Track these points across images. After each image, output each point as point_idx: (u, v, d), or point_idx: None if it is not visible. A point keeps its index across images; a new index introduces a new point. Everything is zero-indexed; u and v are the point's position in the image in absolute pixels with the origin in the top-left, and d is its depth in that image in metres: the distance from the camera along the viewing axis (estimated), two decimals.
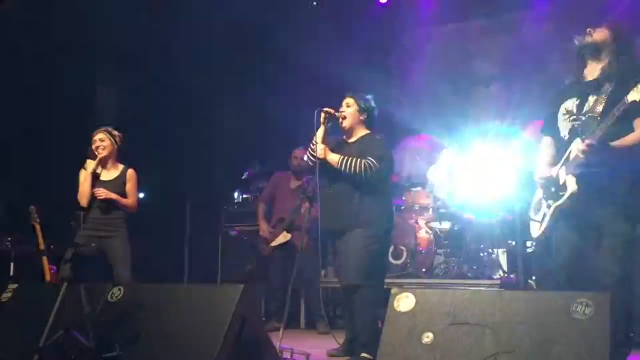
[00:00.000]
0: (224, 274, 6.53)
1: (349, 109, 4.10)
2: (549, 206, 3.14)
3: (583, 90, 3.14)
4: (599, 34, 3.12)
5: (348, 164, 3.90)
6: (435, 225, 6.20)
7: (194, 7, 6.75)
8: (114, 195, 4.53)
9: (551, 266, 3.20)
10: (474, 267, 5.81)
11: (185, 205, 6.96)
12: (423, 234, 6.04)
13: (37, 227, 5.18)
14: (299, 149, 5.89)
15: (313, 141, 4.08)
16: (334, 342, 4.21)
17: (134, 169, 4.73)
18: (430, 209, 6.20)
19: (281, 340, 3.83)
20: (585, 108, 3.07)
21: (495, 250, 6.11)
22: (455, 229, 6.03)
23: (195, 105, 7.40)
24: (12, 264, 5.41)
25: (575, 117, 3.11)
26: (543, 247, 3.30)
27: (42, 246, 5.16)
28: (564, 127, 3.17)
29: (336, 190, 3.99)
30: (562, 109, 3.20)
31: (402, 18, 7.72)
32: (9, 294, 3.73)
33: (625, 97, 2.80)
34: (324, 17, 7.57)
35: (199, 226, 6.98)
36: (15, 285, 3.81)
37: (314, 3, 7.79)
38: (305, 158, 4.17)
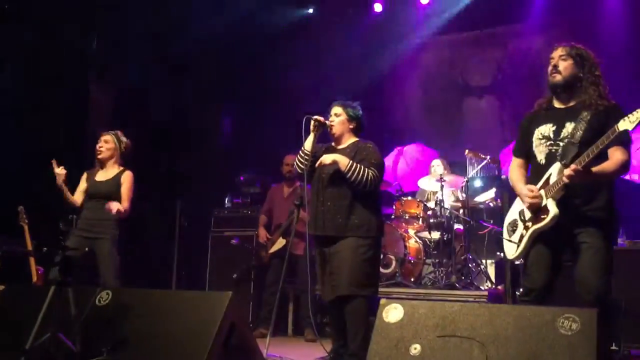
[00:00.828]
0: (212, 279, 6.51)
1: (337, 118, 4.09)
2: (526, 228, 3.18)
3: (559, 116, 3.21)
4: (566, 70, 3.19)
5: (357, 170, 3.87)
6: (425, 235, 6.22)
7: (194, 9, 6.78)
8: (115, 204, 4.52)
9: (526, 287, 3.23)
10: (462, 278, 5.83)
11: (175, 210, 6.93)
12: (412, 243, 6.06)
13: (26, 227, 5.15)
14: (290, 155, 5.93)
15: (302, 148, 4.09)
16: (321, 349, 4.21)
17: (132, 169, 4.73)
18: (420, 219, 6.22)
19: (267, 347, 3.83)
20: (563, 134, 3.14)
21: (483, 261, 6.15)
22: (445, 239, 6.05)
23: (187, 108, 7.40)
24: None
25: (552, 142, 3.18)
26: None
27: (29, 247, 5.13)
28: (540, 151, 3.23)
29: (326, 197, 3.98)
30: (536, 134, 3.26)
31: (396, 28, 7.77)
32: None
33: (616, 126, 2.85)
34: (319, 28, 7.61)
35: (188, 230, 6.96)
36: (1, 287, 3.79)
37: (309, 11, 7.83)
38: (295, 165, 4.17)
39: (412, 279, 5.91)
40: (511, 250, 3.27)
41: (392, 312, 2.85)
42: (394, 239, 5.95)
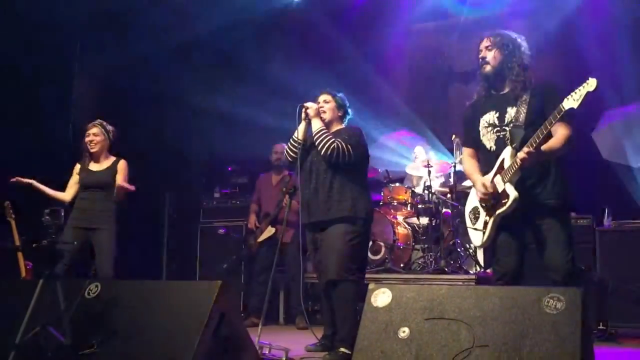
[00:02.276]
0: (202, 270, 6.52)
1: (327, 104, 4.17)
2: (489, 214, 3.22)
3: (499, 102, 3.27)
4: (494, 60, 3.27)
5: (324, 137, 3.94)
6: (414, 220, 6.25)
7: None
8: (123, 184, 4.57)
9: (498, 272, 3.28)
10: (451, 262, 5.87)
11: (164, 201, 6.92)
12: (401, 229, 6.09)
13: (12, 222, 5.12)
14: (279, 144, 5.95)
15: (293, 136, 4.12)
16: (312, 337, 4.24)
17: (126, 160, 4.73)
18: (409, 205, 6.25)
19: (259, 335, 3.85)
20: (507, 119, 3.21)
21: (472, 245, 6.19)
22: (433, 224, 6.09)
23: (174, 100, 7.36)
24: None
25: (499, 128, 3.24)
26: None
27: (17, 242, 5.11)
28: (488, 139, 3.29)
29: (316, 184, 4.01)
30: (482, 123, 3.32)
31: (381, 15, 7.75)
32: None
33: (561, 105, 2.92)
34: (305, 17, 7.58)
35: (178, 222, 6.96)
36: None
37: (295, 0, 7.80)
38: (285, 153, 4.20)
39: (402, 265, 5.95)
40: (477, 238, 3.32)
41: (381, 297, 2.87)
42: (383, 225, 5.98)
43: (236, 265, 6.26)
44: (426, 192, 6.17)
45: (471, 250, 6.05)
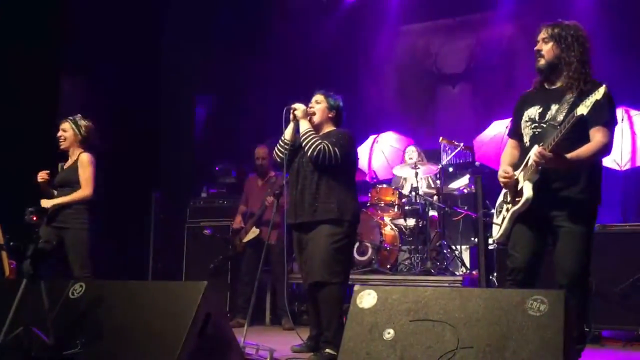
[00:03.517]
0: (189, 270, 6.49)
1: (318, 105, 4.13)
2: (507, 210, 3.20)
3: (546, 98, 3.18)
4: (548, 53, 3.14)
5: (310, 138, 3.93)
6: (401, 222, 6.28)
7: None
8: (57, 201, 4.41)
9: (509, 267, 3.23)
10: (438, 264, 5.90)
11: (150, 200, 6.89)
12: (388, 230, 6.10)
13: None
14: (260, 148, 5.99)
15: (282, 138, 4.11)
16: (298, 338, 4.24)
17: (90, 153, 4.55)
18: (396, 206, 6.26)
19: (245, 336, 3.85)
20: (547, 116, 3.11)
21: (458, 247, 6.22)
22: (420, 225, 6.11)
23: (163, 97, 7.33)
24: None
25: (537, 124, 3.16)
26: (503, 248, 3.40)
27: (0, 241, 5.05)
28: (526, 133, 3.22)
29: (303, 186, 4.01)
30: (525, 116, 3.23)
31: (369, 16, 7.78)
32: None
33: (574, 111, 2.86)
34: (293, 16, 7.58)
35: (164, 221, 6.92)
36: None
37: None
38: (274, 154, 4.18)
39: (388, 266, 5.97)
40: (495, 232, 3.31)
41: (366, 298, 2.88)
42: (370, 226, 6.00)
43: (222, 266, 6.24)
44: (413, 193, 6.20)
45: (457, 252, 6.09)
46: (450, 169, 6.67)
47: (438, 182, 6.36)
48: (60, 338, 3.04)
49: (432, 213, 6.24)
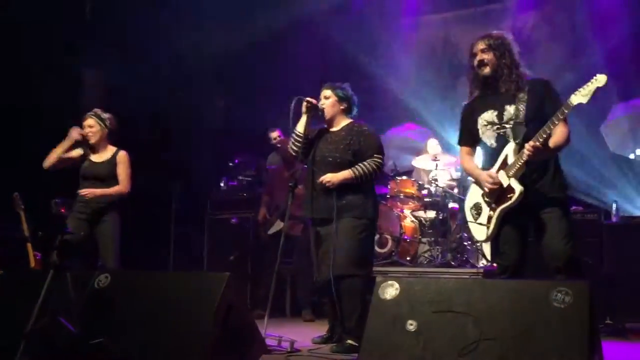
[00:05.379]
0: (209, 262, 6.54)
1: (327, 100, 4.12)
2: (493, 209, 3.29)
3: (497, 102, 3.36)
4: (491, 61, 3.34)
5: (363, 172, 3.93)
6: (420, 214, 6.26)
7: None
8: (98, 192, 4.50)
9: (501, 265, 3.34)
10: (458, 256, 5.88)
11: (172, 192, 6.94)
12: (408, 222, 6.09)
13: (22, 214, 5.14)
14: (271, 130, 5.99)
15: (295, 131, 4.10)
16: (319, 329, 4.25)
17: (126, 151, 4.69)
18: (416, 198, 6.25)
19: (266, 327, 3.86)
20: (506, 117, 3.31)
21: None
22: (440, 218, 6.09)
23: (181, 90, 7.37)
24: None
25: (498, 126, 3.34)
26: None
27: (26, 233, 5.13)
28: (488, 136, 3.38)
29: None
30: (480, 122, 3.41)
31: (388, 8, 7.73)
32: None
33: (568, 101, 3.03)
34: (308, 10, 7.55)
35: (185, 213, 6.98)
36: (0, 272, 3.80)
37: None
38: (289, 149, 4.18)
39: (408, 258, 5.96)
40: (481, 233, 3.38)
41: (388, 290, 2.88)
42: (389, 218, 5.99)
43: (243, 257, 6.27)
44: (433, 185, 6.17)
45: (478, 244, 6.05)
46: None
47: (458, 173, 6.32)
48: (86, 328, 3.09)
49: (452, 205, 6.21)
